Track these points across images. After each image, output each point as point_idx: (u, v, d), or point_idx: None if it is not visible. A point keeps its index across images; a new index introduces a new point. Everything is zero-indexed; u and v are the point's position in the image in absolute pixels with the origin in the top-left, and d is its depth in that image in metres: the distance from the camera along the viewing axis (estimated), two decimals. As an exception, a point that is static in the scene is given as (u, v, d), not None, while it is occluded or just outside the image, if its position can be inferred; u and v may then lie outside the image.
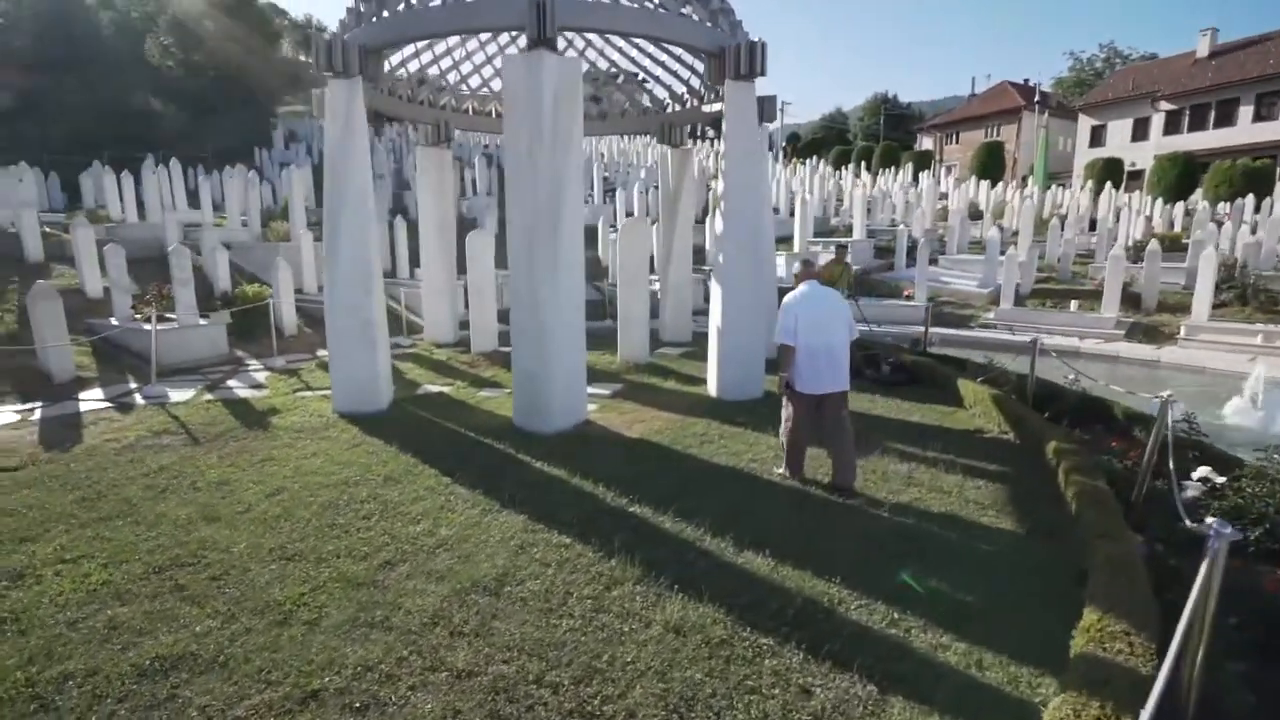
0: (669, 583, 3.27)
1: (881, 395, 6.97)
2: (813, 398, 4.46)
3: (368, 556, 3.56)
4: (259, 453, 5.18)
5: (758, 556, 3.53)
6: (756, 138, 6.69)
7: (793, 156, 40.67)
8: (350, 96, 6.01)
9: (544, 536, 3.78)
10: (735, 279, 6.65)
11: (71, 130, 22.23)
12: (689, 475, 4.72)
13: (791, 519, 3.99)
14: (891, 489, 4.45)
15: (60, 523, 3.90)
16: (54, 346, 7.00)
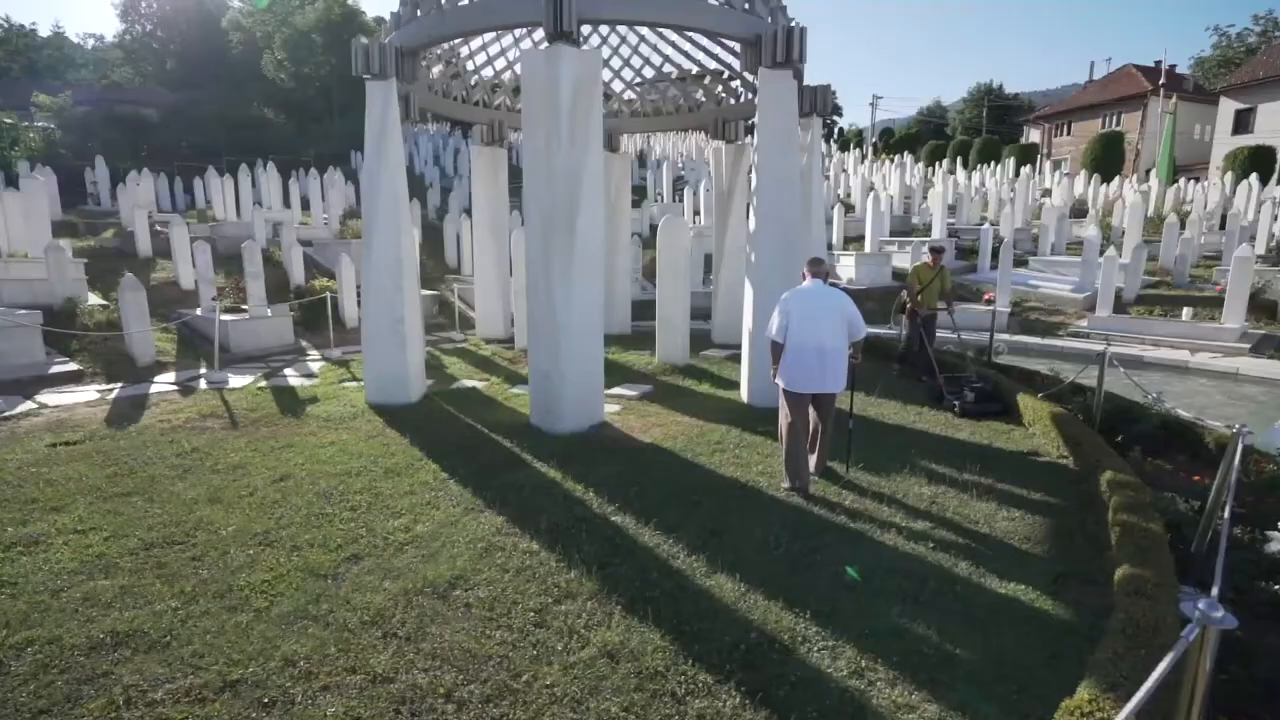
0: (623, 601, 3.08)
1: (930, 409, 6.38)
2: (803, 397, 4.40)
3: (339, 548, 3.61)
4: (283, 439, 5.43)
5: (728, 581, 3.26)
6: (793, 130, 6.29)
7: (882, 152, 38.74)
8: (385, 98, 6.19)
9: (514, 540, 3.68)
10: (768, 280, 6.29)
11: (202, 139, 24.69)
12: (687, 486, 4.48)
13: (780, 540, 3.67)
14: (908, 514, 4.01)
15: (88, 495, 4.23)
16: (138, 332, 7.71)
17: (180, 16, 35.14)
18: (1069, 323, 11.55)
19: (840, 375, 4.40)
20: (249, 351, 8.89)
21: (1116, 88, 34.93)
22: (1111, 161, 27.43)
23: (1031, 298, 12.72)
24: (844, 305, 4.44)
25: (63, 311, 8.54)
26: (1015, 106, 47.72)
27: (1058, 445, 5.18)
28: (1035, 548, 3.62)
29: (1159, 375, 9.23)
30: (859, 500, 4.24)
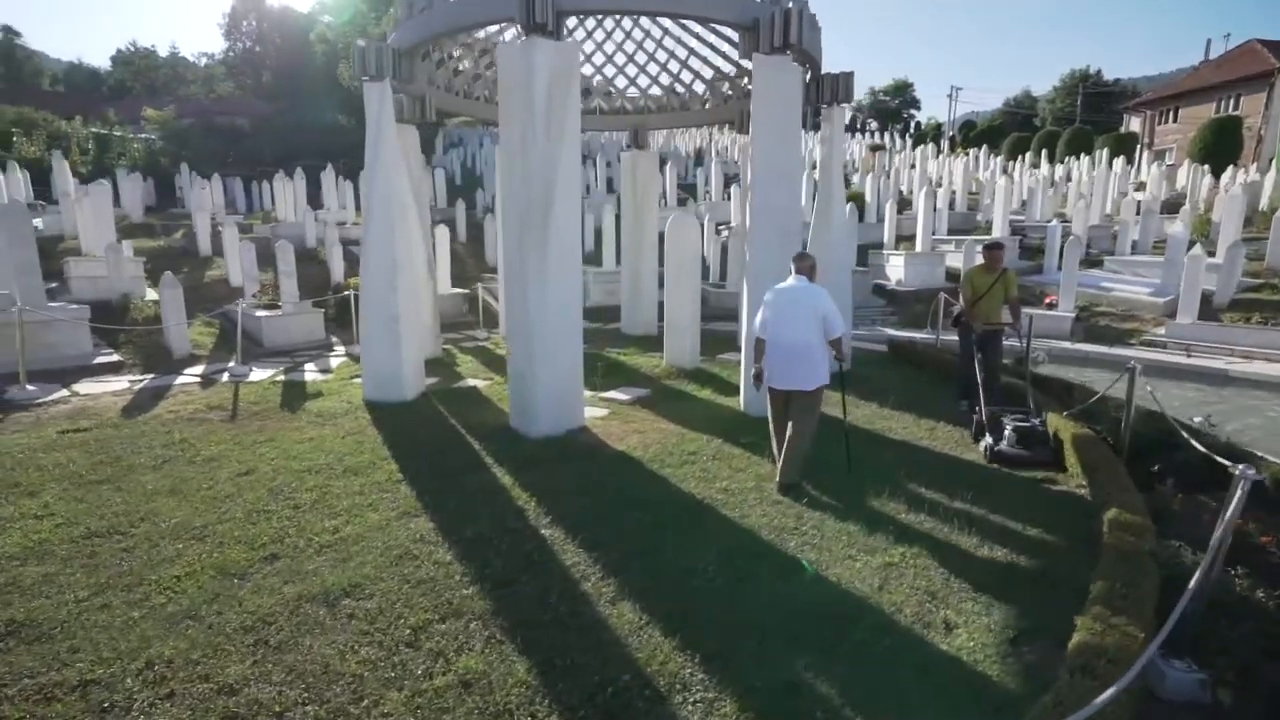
0: (508, 625, 2.88)
1: (930, 419, 5.80)
2: (779, 393, 4.45)
3: (263, 546, 3.60)
4: (267, 433, 5.58)
5: (631, 610, 3.00)
6: (792, 120, 5.86)
7: (959, 146, 36.48)
8: (380, 99, 6.27)
9: (431, 550, 3.56)
10: (762, 280, 5.90)
11: (282, 145, 26.40)
12: (638, 499, 4.22)
13: (709, 567, 3.36)
14: (871, 545, 3.59)
15: (65, 481, 4.46)
16: (174, 326, 8.21)
17: (275, 32, 37.83)
18: (1143, 330, 10.34)
19: (814, 373, 4.32)
20: (280, 346, 9.31)
21: (1236, 66, 31.21)
22: (1225, 150, 24.50)
23: (1103, 301, 11.49)
24: (818, 302, 4.35)
25: (118, 306, 9.24)
26: (1115, 93, 43.72)
27: (1078, 472, 4.56)
28: (1006, 595, 3.13)
29: (1249, 392, 8.08)
30: (821, 523, 3.85)
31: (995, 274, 5.97)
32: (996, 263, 5.98)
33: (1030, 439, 4.86)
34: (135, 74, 41.94)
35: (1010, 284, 6.00)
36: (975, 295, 5.98)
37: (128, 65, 42.54)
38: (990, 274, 5.99)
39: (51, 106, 28.97)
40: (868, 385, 7.07)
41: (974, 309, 5.93)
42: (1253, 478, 2.49)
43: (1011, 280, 6.03)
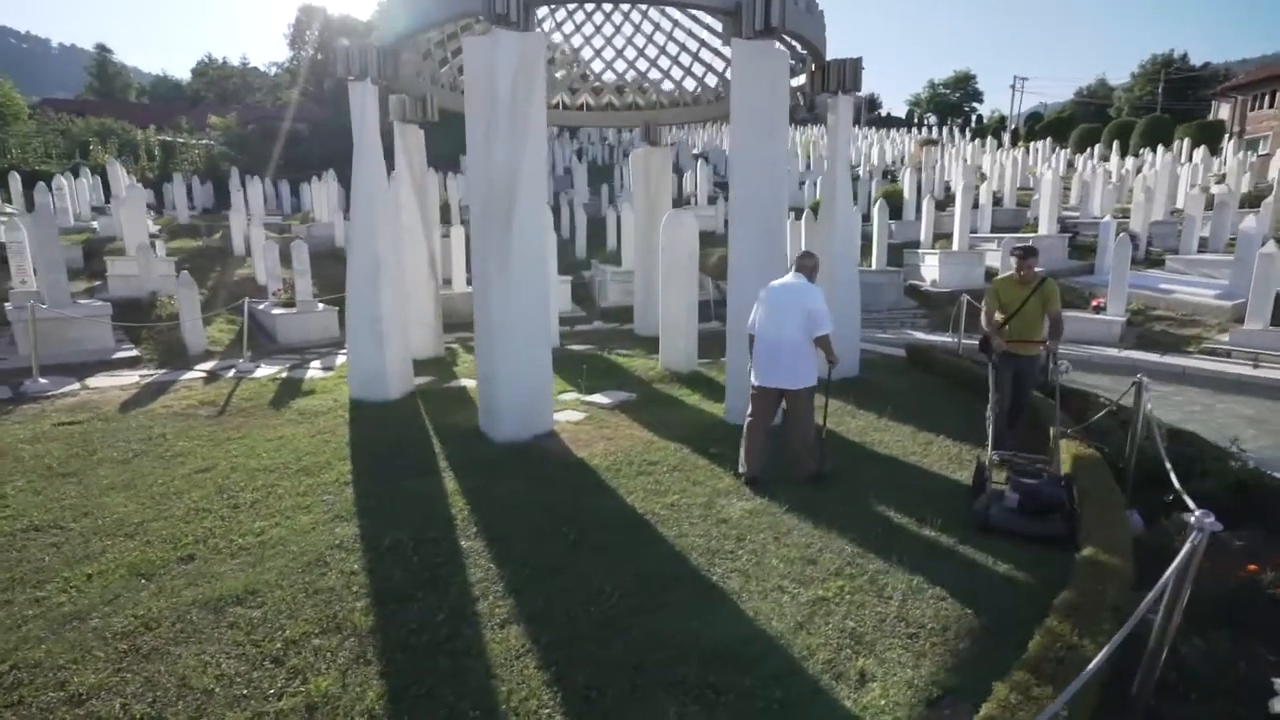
0: (385, 644, 2.73)
1: (930, 431, 5.33)
2: (766, 390, 4.39)
3: (185, 546, 3.58)
4: (243, 430, 5.65)
5: (517, 636, 2.79)
6: (775, 109, 5.49)
7: (1020, 139, 34.45)
8: (362, 98, 6.26)
9: (344, 556, 3.45)
10: (744, 279, 5.58)
11: (333, 149, 27.38)
12: (576, 511, 4.00)
13: (616, 590, 3.11)
14: (807, 575, 3.26)
15: (33, 474, 4.60)
16: (189, 322, 8.53)
17: (336, 40, 39.40)
18: (1205, 336, 9.35)
19: (799, 372, 4.30)
20: (294, 344, 9.55)
21: (1344, 46, 28.16)
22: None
23: (1160, 304, 10.48)
24: (805, 300, 4.28)
25: (146, 304, 9.69)
26: (1203, 78, 40.33)
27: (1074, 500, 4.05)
28: (944, 646, 2.75)
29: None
30: (762, 547, 3.53)
31: (1030, 286, 4.74)
32: (1029, 272, 4.74)
33: (1036, 502, 3.66)
34: (209, 84, 44.55)
35: (1050, 296, 4.74)
36: (1005, 312, 4.79)
37: (202, 76, 45.24)
38: (1023, 286, 4.76)
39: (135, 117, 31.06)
40: (873, 392, 6.63)
41: (1002, 329, 4.78)
42: (1211, 527, 2.05)
43: (1052, 291, 4.76)
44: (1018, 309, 4.76)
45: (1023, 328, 4.80)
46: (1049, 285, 4.79)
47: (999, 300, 4.86)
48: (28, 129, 23.30)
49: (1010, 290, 4.86)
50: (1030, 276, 4.77)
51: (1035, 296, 4.73)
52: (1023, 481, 3.79)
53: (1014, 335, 4.81)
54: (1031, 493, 3.70)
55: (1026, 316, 4.77)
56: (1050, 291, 4.78)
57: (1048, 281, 4.80)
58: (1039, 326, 4.81)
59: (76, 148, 21.40)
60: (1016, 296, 4.80)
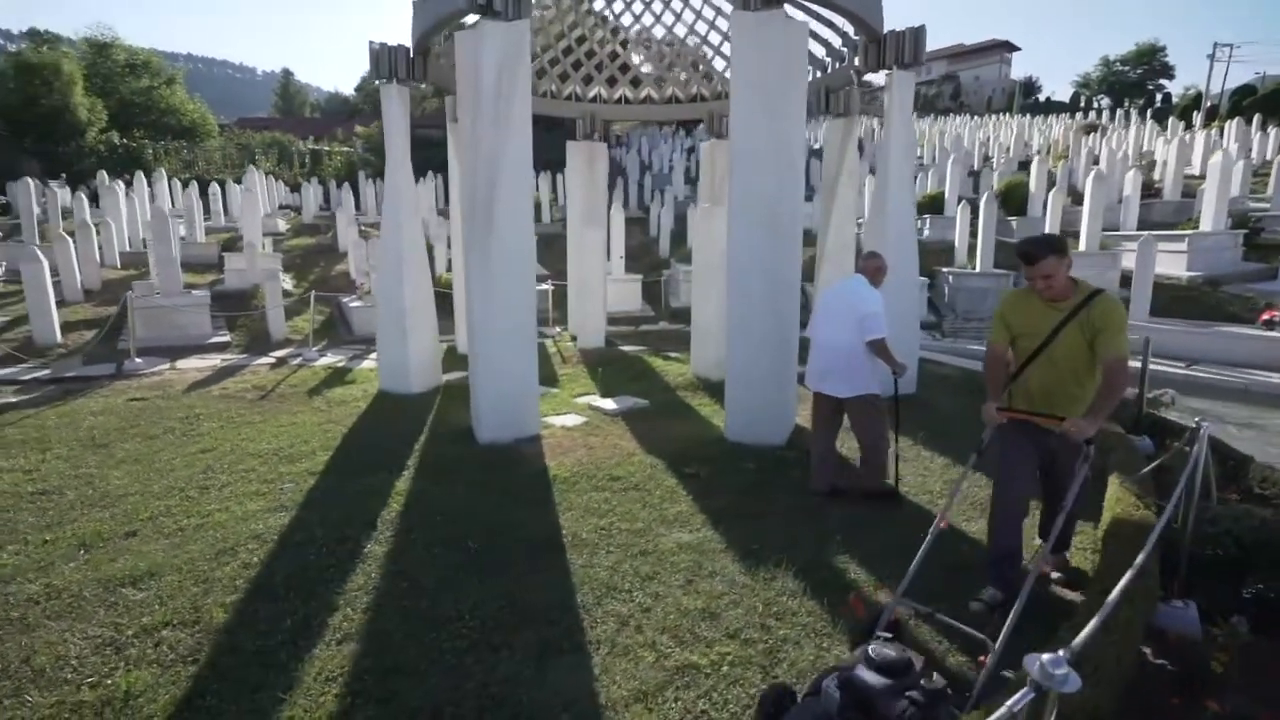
0: (217, 646, 2.66)
1: (962, 464, 4.46)
2: (824, 399, 4.18)
3: (138, 522, 3.80)
4: (267, 414, 6.04)
5: (341, 658, 2.61)
6: (783, 88, 4.84)
7: (1219, 118, 28.95)
8: (389, 99, 6.46)
9: (254, 549, 3.47)
10: (747, 280, 5.04)
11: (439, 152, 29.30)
12: (490, 528, 3.76)
13: (473, 622, 2.83)
14: (697, 632, 2.78)
15: (76, 442, 5.18)
16: (271, 311, 9.39)
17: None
18: None
19: (852, 378, 4.00)
20: (367, 335, 10.17)
21: None
22: None
23: (1361, 322, 8.18)
24: (858, 303, 3.99)
25: (248, 295, 10.83)
26: None
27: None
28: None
29: None
30: (667, 590, 3.08)
31: (1063, 309, 2.76)
32: (1050, 284, 2.73)
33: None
34: (366, 98, 49.68)
35: (1106, 324, 2.66)
36: (1020, 354, 2.90)
37: (362, 91, 50.58)
38: (1053, 308, 2.78)
39: (305, 129, 35.46)
40: (921, 413, 5.80)
41: (1015, 380, 2.93)
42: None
43: (1109, 317, 2.67)
44: (1038, 349, 2.80)
45: (1046, 381, 2.83)
46: (1104, 307, 2.68)
47: (1008, 326, 2.91)
48: (215, 144, 27.32)
49: (1028, 313, 2.85)
50: (1058, 291, 2.74)
51: (1073, 326, 2.71)
52: (860, 679, 1.93)
53: (1030, 394, 2.87)
54: (860, 696, 1.90)
55: (1058, 362, 2.78)
56: (1106, 317, 2.66)
57: (1101, 300, 2.70)
58: (1080, 380, 2.78)
59: (247, 158, 24.74)
60: (1037, 324, 2.81)
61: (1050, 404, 2.80)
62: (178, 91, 30.08)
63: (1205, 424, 2.85)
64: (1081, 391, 2.77)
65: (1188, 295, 10.51)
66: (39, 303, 8.23)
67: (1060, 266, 2.72)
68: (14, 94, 23.53)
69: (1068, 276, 2.76)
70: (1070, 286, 2.78)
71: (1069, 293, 2.78)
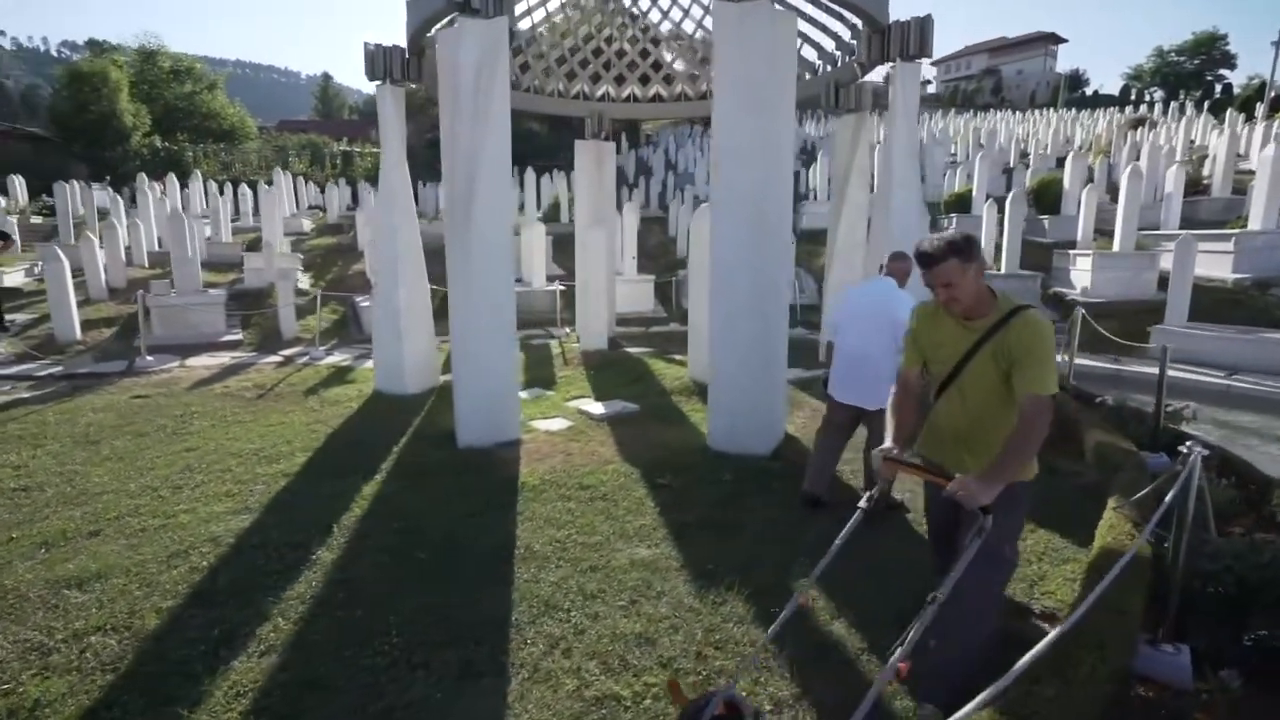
0: (140, 655, 2.62)
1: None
2: (844, 407, 3.96)
3: (104, 521, 3.81)
4: (261, 413, 6.08)
5: (257, 671, 2.54)
6: (769, 83, 4.62)
7: (1277, 110, 27.25)
8: (382, 100, 6.45)
9: (206, 553, 3.45)
10: (729, 284, 4.84)
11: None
12: (440, 539, 3.67)
13: (400, 637, 2.73)
14: (629, 660, 2.63)
15: (68, 440, 5.29)
16: (282, 310, 9.54)
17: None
18: None
19: (879, 389, 3.67)
20: (377, 333, 10.30)
21: None
22: None
23: None
24: (894, 309, 3.69)
25: (264, 294, 11.04)
26: None
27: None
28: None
29: None
30: (607, 611, 2.93)
31: (975, 328, 2.15)
32: (950, 293, 2.10)
33: None
34: (402, 101, 50.70)
35: (1023, 353, 2.04)
36: (933, 383, 2.35)
37: (398, 95, 51.70)
38: (964, 325, 2.18)
39: (343, 131, 36.25)
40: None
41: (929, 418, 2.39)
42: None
43: (1028, 343, 2.04)
44: (947, 379, 2.23)
45: (959, 424, 2.23)
46: (1022, 330, 2.06)
47: (919, 351, 2.33)
48: (252, 146, 28.17)
49: (939, 333, 2.25)
50: (967, 306, 2.11)
51: (986, 353, 2.11)
52: None
53: (940, 438, 2.29)
54: None
55: (968, 397, 2.19)
56: (1024, 343, 2.04)
57: (1021, 320, 2.07)
58: (999, 422, 2.14)
59: (280, 160, 25.43)
60: (950, 348, 2.21)
61: (963, 451, 2.22)
62: (219, 96, 31.15)
63: (1198, 447, 2.56)
64: (1002, 437, 2.09)
65: (1233, 299, 9.84)
66: (60, 300, 8.51)
67: (965, 273, 2.05)
68: (66, 101, 24.68)
69: (985, 288, 2.14)
70: (987, 301, 2.14)
71: (985, 308, 2.13)
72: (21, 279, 11.02)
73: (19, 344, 8.44)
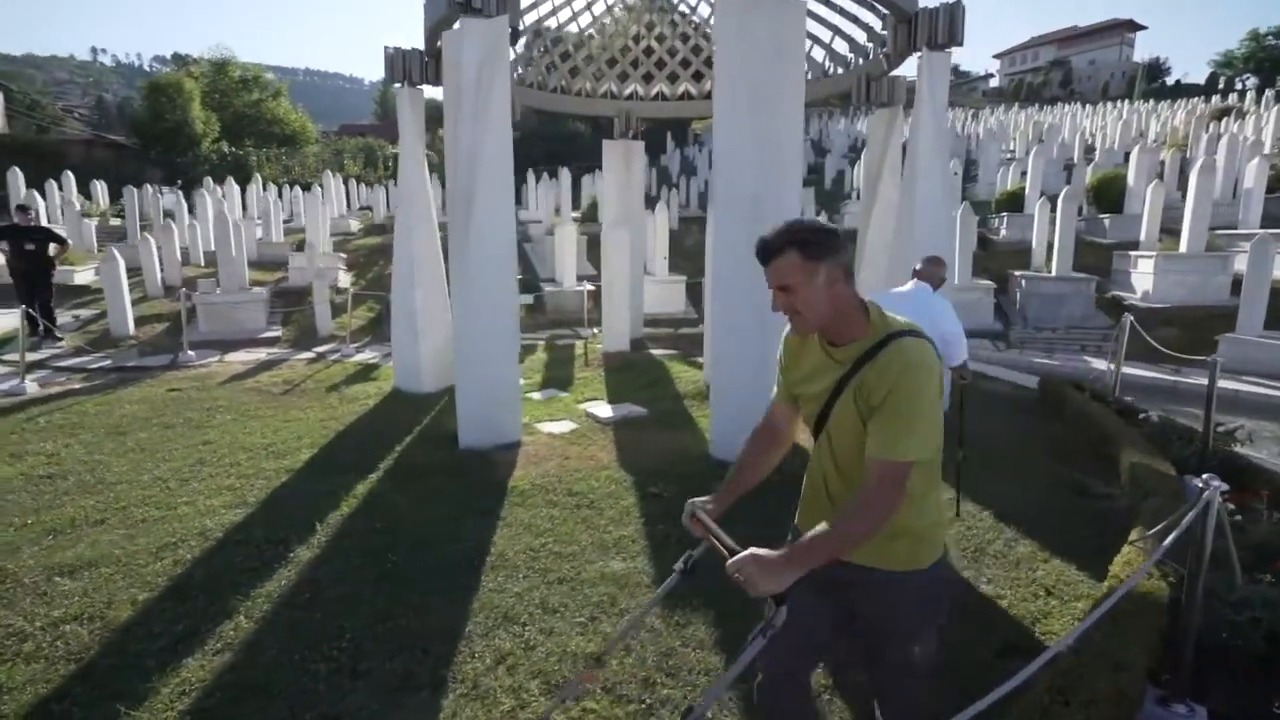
0: (107, 645, 2.69)
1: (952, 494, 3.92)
2: None
3: (114, 510, 3.95)
4: (282, 408, 6.27)
5: (204, 671, 2.56)
6: (774, 78, 4.41)
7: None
8: (401, 103, 6.55)
9: (194, 547, 3.54)
10: (728, 282, 4.68)
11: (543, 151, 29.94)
12: (423, 540, 3.65)
13: (353, 640, 2.70)
14: (561, 677, 2.53)
15: (99, 430, 5.56)
16: (318, 307, 9.86)
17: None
18: None
19: None
20: (409, 332, 10.53)
21: None
22: None
23: None
24: (936, 318, 3.48)
25: (307, 291, 11.44)
26: None
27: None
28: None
29: None
30: (568, 628, 2.83)
31: (840, 357, 1.54)
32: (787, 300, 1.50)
33: None
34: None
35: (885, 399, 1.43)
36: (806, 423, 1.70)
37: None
38: (829, 352, 1.57)
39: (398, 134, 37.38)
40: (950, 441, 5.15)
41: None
42: None
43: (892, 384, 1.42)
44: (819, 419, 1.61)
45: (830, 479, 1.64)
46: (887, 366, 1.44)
47: (789, 384, 1.73)
48: (312, 149, 29.45)
49: (805, 361, 1.66)
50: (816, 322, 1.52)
51: (849, 392, 1.51)
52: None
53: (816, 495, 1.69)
54: None
55: (835, 447, 1.60)
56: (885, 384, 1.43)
57: (889, 353, 1.45)
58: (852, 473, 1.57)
59: (337, 163, 26.51)
60: (816, 381, 1.61)
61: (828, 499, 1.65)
62: (282, 103, 32.73)
63: (1215, 480, 2.24)
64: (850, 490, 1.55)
65: None
66: (115, 298, 9.04)
67: (809, 276, 1.45)
68: (145, 111, 26.38)
69: (853, 303, 1.50)
70: (856, 321, 1.50)
71: (854, 331, 1.51)
72: (91, 277, 11.78)
73: (79, 338, 9.01)
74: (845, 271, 1.50)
